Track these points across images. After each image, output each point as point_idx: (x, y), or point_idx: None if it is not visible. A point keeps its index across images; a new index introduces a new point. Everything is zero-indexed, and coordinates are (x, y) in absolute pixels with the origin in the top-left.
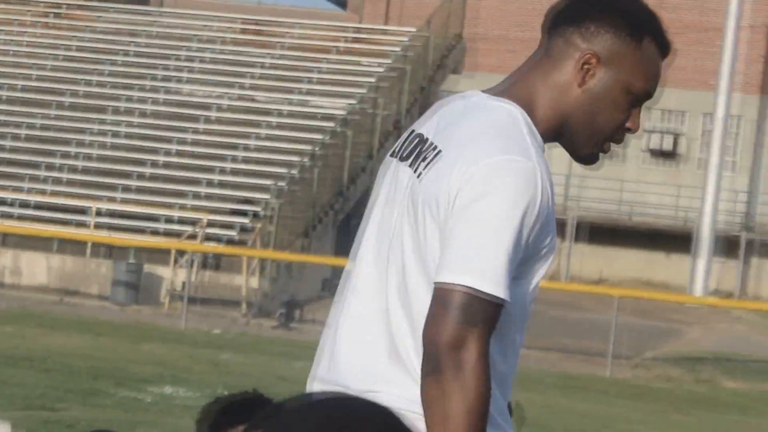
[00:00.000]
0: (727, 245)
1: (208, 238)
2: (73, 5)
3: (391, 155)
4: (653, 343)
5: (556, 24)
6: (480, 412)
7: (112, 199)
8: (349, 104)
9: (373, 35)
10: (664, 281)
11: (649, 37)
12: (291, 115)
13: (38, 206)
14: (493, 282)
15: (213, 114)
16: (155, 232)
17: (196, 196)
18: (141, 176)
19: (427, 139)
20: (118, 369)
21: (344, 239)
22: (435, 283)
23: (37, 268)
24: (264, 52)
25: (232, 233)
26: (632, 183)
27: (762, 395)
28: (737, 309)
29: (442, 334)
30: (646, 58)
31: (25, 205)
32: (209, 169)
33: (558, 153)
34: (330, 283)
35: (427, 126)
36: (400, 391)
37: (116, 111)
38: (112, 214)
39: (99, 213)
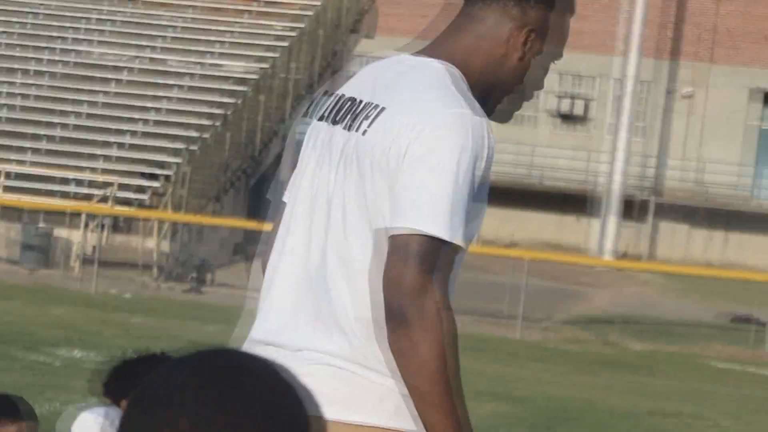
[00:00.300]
0: (636, 210)
1: (119, 201)
2: None
3: (320, 120)
4: (563, 306)
5: None
6: (452, 354)
7: (21, 162)
8: (262, 68)
9: None
10: (575, 245)
11: (562, 3)
12: (203, 78)
13: None
14: (450, 228)
15: (125, 77)
16: (66, 195)
17: (108, 159)
18: (51, 139)
19: (361, 101)
20: (28, 333)
21: (256, 203)
22: (391, 232)
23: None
24: (176, 15)
25: (144, 197)
26: (543, 147)
27: (668, 356)
28: (645, 272)
29: (404, 284)
30: (564, 24)
31: None
32: (121, 132)
33: None
34: (242, 247)
35: (358, 88)
36: (336, 349)
37: (26, 73)
38: (21, 176)
39: (8, 175)
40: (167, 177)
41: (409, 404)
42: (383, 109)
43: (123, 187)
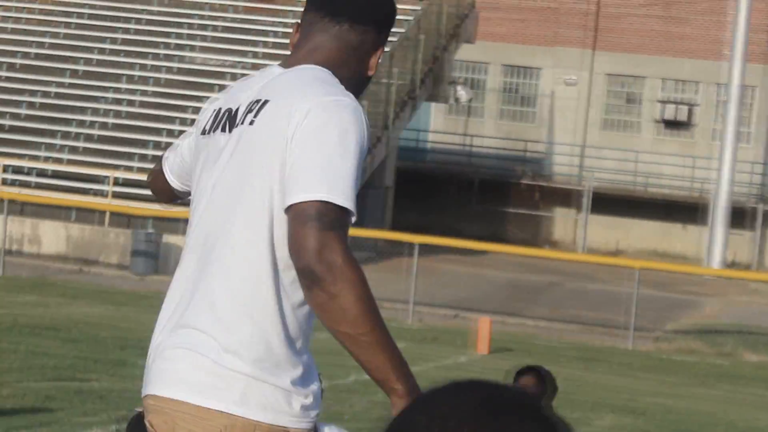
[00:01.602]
0: (742, 217)
1: None
2: None
3: (202, 134)
4: (673, 316)
5: (354, 17)
6: (367, 294)
7: (129, 168)
8: None
9: None
10: (681, 253)
11: (382, 12)
12: None
13: (55, 175)
14: (342, 195)
15: (227, 82)
16: None
17: None
18: (157, 145)
19: (238, 107)
20: (144, 339)
21: (361, 210)
22: (288, 205)
23: (55, 237)
24: (277, 21)
25: None
26: (647, 154)
27: None
28: (755, 281)
29: (307, 246)
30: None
31: (42, 174)
32: None
33: (571, 125)
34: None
35: (232, 100)
36: (204, 327)
37: (130, 79)
38: (130, 182)
39: (117, 182)
40: None
41: (264, 391)
42: (267, 101)
43: None
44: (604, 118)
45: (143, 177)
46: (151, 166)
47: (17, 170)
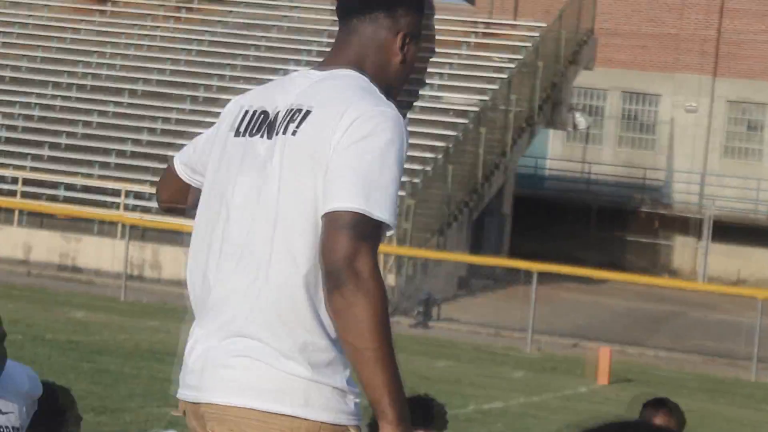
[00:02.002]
0: None
1: None
2: (204, 0)
3: (236, 135)
4: None
5: (361, 9)
6: (383, 312)
7: None
8: (482, 100)
9: (503, 30)
10: None
11: (428, 9)
12: (424, 110)
13: None
14: (379, 206)
15: None
16: None
17: None
18: None
19: (276, 113)
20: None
21: (479, 237)
22: (325, 212)
23: (176, 263)
24: None
25: None
26: None
27: None
28: None
29: (338, 250)
30: (431, 24)
31: None
32: None
33: (691, 152)
34: (466, 281)
35: (267, 103)
36: (261, 336)
37: None
38: None
39: None
40: None
41: (324, 392)
42: (309, 111)
43: None
44: (724, 145)
45: None
46: None
47: (138, 196)
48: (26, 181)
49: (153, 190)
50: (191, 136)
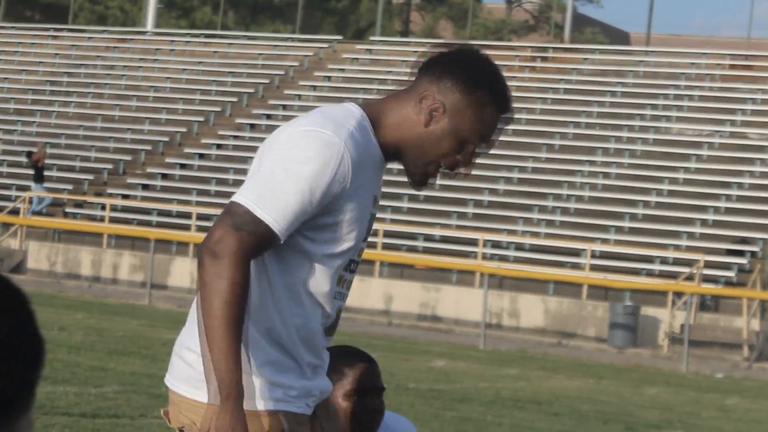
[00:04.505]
0: None
1: (705, 279)
2: (559, 48)
3: None
4: None
5: (424, 68)
6: (232, 298)
7: (605, 241)
8: None
9: None
10: None
11: (483, 90)
12: None
13: (533, 249)
14: (266, 207)
15: (704, 152)
16: (651, 273)
17: (691, 236)
18: (633, 217)
19: None
20: (625, 414)
21: None
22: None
23: (534, 311)
24: (755, 88)
25: (730, 274)
26: None
27: None
28: None
29: (211, 232)
30: (479, 110)
31: (520, 248)
32: (702, 209)
33: None
34: None
35: None
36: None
37: (606, 152)
38: (606, 255)
39: (593, 255)
40: (753, 253)
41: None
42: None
43: (709, 264)
44: None
45: (620, 249)
46: (628, 238)
47: (496, 244)
48: (386, 233)
49: (510, 239)
50: (548, 185)
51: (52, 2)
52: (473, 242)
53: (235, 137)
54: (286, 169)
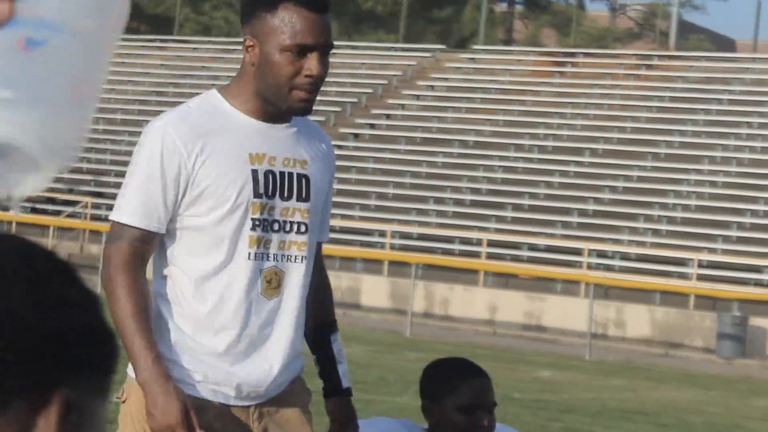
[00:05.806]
0: None
1: None
2: (664, 56)
3: None
4: None
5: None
6: (125, 306)
7: (712, 250)
8: None
9: None
10: None
11: (284, 2)
12: None
13: (639, 258)
14: (119, 210)
15: None
16: (759, 283)
17: None
18: (741, 226)
19: None
20: (734, 425)
21: None
22: None
23: (640, 321)
24: None
25: None
26: None
27: None
28: None
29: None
30: (285, 20)
31: (625, 257)
32: None
33: None
34: None
35: None
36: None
37: (712, 160)
38: (713, 265)
39: (700, 264)
40: None
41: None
42: None
43: None
44: None
45: (728, 259)
46: (735, 247)
47: (601, 254)
48: (490, 243)
49: (616, 248)
50: (654, 194)
51: (158, 13)
52: (578, 252)
53: (339, 147)
54: (129, 173)
